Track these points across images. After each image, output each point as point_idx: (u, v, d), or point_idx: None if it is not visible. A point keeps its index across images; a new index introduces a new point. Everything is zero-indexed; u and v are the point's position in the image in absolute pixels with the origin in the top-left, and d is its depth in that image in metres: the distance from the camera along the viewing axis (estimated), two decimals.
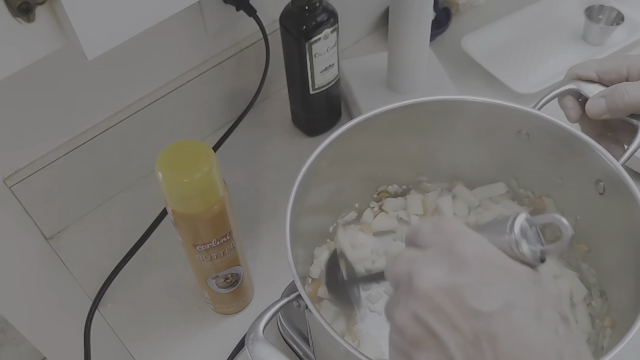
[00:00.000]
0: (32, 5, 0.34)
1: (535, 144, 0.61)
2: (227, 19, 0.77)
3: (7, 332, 1.26)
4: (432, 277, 0.35)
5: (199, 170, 0.51)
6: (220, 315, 0.69)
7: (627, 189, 0.52)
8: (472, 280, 0.34)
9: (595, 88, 0.57)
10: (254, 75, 0.84)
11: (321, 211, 0.64)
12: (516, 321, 0.33)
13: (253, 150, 0.85)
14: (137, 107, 0.75)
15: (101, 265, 0.73)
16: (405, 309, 0.36)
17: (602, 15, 0.92)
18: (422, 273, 0.35)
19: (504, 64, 0.91)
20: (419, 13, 0.76)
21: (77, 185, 0.75)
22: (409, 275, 0.36)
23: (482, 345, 0.33)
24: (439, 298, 0.34)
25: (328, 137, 0.58)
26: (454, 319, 0.34)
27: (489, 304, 0.33)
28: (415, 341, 0.35)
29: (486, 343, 0.33)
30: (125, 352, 0.68)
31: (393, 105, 0.60)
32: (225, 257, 0.60)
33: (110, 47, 0.40)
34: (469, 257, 0.35)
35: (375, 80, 0.87)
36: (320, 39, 0.73)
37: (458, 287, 0.34)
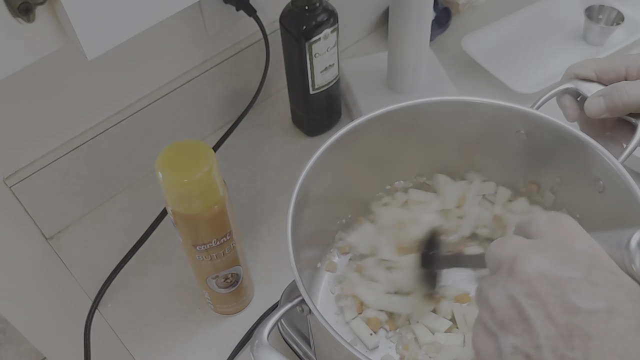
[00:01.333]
0: (32, 5, 0.34)
1: (534, 144, 0.61)
2: (227, 19, 0.78)
3: (7, 332, 1.26)
4: (536, 264, 0.35)
5: (199, 170, 0.51)
6: (220, 315, 0.69)
7: (627, 188, 0.52)
8: (578, 276, 0.34)
9: (594, 87, 0.57)
10: (254, 75, 0.84)
11: (322, 211, 0.64)
12: (615, 327, 0.32)
13: (253, 150, 0.85)
14: (137, 107, 0.75)
15: (101, 265, 0.74)
16: (502, 289, 0.35)
17: (602, 15, 0.92)
18: (528, 258, 0.35)
19: (504, 64, 0.91)
20: (419, 13, 0.76)
21: (77, 185, 0.75)
22: (513, 259, 0.36)
23: (574, 341, 0.32)
24: (540, 285, 0.34)
25: (329, 137, 0.58)
26: (551, 309, 0.33)
27: (591, 304, 0.33)
28: (505, 323, 0.35)
29: (579, 340, 0.32)
30: (125, 352, 0.68)
31: (394, 106, 0.60)
32: (225, 257, 0.60)
33: (110, 47, 0.40)
34: (580, 253, 0.34)
35: (375, 80, 0.87)
36: (320, 39, 0.73)
37: (562, 279, 0.34)
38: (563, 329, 0.33)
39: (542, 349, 0.33)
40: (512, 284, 0.35)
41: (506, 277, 0.36)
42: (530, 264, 0.35)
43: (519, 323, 0.34)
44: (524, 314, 0.34)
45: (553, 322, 0.33)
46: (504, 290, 0.35)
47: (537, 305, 0.34)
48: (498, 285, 0.36)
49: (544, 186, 0.64)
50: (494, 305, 0.35)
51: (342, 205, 0.67)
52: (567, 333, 0.32)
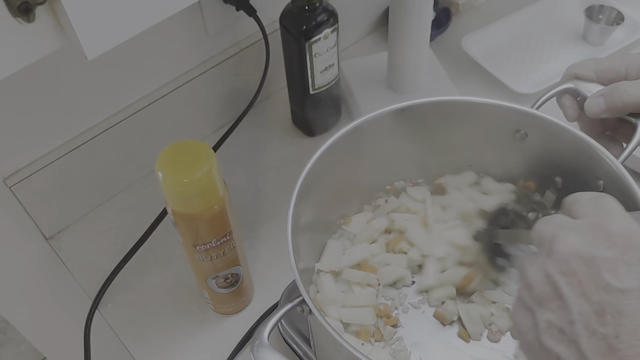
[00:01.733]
0: (32, 5, 0.34)
1: (534, 143, 0.61)
2: (227, 19, 0.78)
3: (7, 332, 1.26)
4: (572, 243, 0.36)
5: (199, 170, 0.51)
6: (220, 315, 0.69)
7: (627, 187, 0.52)
8: (612, 255, 0.35)
9: (594, 87, 0.57)
10: (254, 75, 0.84)
11: (322, 212, 0.64)
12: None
13: (253, 150, 0.85)
14: (137, 107, 0.75)
15: (101, 265, 0.74)
16: (540, 267, 0.37)
17: (602, 15, 0.92)
18: (565, 238, 0.37)
19: (504, 64, 0.91)
20: (419, 13, 0.76)
21: (77, 185, 0.75)
22: (552, 238, 0.38)
23: (605, 317, 0.34)
24: (575, 264, 0.36)
25: (329, 137, 0.58)
26: (585, 286, 0.35)
27: (623, 282, 0.34)
28: (541, 299, 0.37)
29: (610, 317, 0.34)
30: (125, 352, 0.68)
31: (394, 106, 0.60)
32: (225, 257, 0.60)
33: (110, 47, 0.40)
34: (616, 234, 0.36)
35: (375, 80, 0.87)
36: (320, 39, 0.73)
37: (596, 259, 0.35)
38: (596, 306, 0.34)
39: (575, 324, 0.34)
40: (549, 263, 0.37)
41: (544, 256, 0.38)
42: (567, 243, 0.36)
43: (554, 300, 0.36)
44: (559, 291, 0.36)
45: (586, 299, 0.34)
46: (542, 268, 0.37)
47: (572, 283, 0.35)
48: (536, 263, 0.38)
49: (543, 186, 0.64)
50: (531, 282, 0.37)
51: (342, 205, 0.67)
52: (599, 310, 0.34)
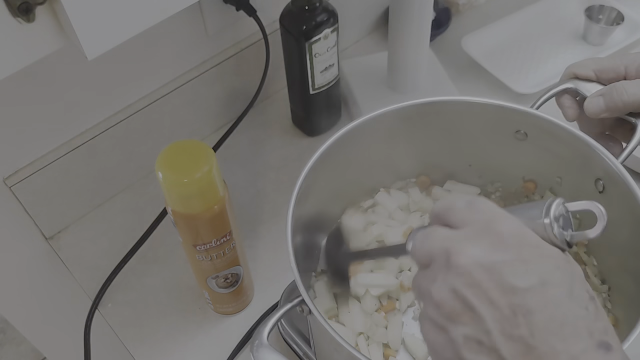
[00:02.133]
0: (32, 5, 0.34)
1: (534, 143, 0.61)
2: (227, 19, 0.78)
3: (7, 332, 1.26)
4: (471, 254, 0.36)
5: (199, 170, 0.51)
6: (220, 315, 0.69)
7: (627, 187, 0.52)
8: (510, 257, 0.35)
9: (593, 87, 0.57)
10: (254, 75, 0.84)
11: (322, 212, 0.64)
12: (551, 297, 0.34)
13: (253, 150, 0.85)
14: (137, 107, 0.75)
15: (101, 265, 0.74)
16: (443, 284, 0.36)
17: (602, 15, 0.92)
18: (462, 250, 0.36)
19: (504, 64, 0.91)
20: (419, 13, 0.76)
21: (77, 185, 0.75)
22: (446, 253, 0.37)
23: (518, 319, 0.34)
24: (478, 274, 0.35)
25: (329, 137, 0.58)
26: (492, 294, 0.35)
27: (526, 281, 0.34)
28: (452, 315, 0.36)
29: (522, 317, 0.34)
30: (125, 352, 0.68)
31: (394, 106, 0.60)
32: (225, 257, 0.60)
33: (110, 47, 0.40)
34: (507, 235, 0.36)
35: (375, 80, 0.87)
36: (320, 39, 0.73)
37: (497, 264, 0.35)
38: (506, 310, 0.34)
39: (491, 333, 0.34)
40: (452, 278, 0.36)
41: (444, 271, 0.37)
42: (466, 255, 0.36)
43: (466, 313, 0.35)
44: (469, 304, 0.35)
45: (496, 306, 0.35)
46: (445, 284, 0.36)
47: (479, 294, 0.35)
48: (438, 280, 0.37)
49: (542, 186, 0.64)
50: (438, 300, 0.37)
51: (342, 205, 0.67)
52: (511, 313, 0.34)
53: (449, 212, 0.39)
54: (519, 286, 0.34)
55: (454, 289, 0.36)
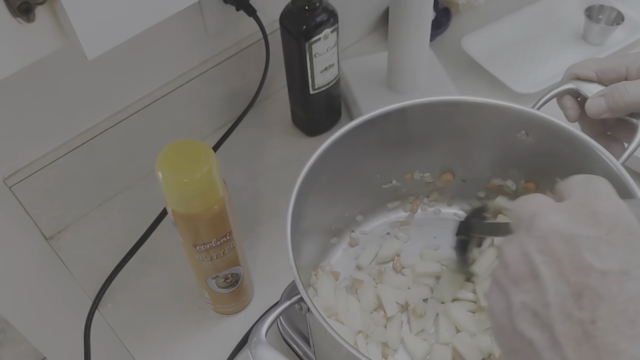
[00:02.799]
0: (32, 5, 0.34)
1: (535, 144, 0.61)
2: (227, 19, 0.78)
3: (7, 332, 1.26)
4: (553, 221, 0.34)
5: (199, 170, 0.51)
6: (220, 315, 0.69)
7: (628, 188, 0.52)
8: (595, 234, 0.33)
9: (594, 87, 0.57)
10: (254, 75, 0.84)
11: (322, 211, 0.64)
12: (627, 289, 0.31)
13: (253, 150, 0.85)
14: (137, 107, 0.75)
15: (101, 265, 0.74)
16: (517, 245, 0.35)
17: (602, 15, 0.92)
18: (546, 214, 0.35)
19: (504, 64, 0.91)
20: (419, 13, 0.76)
21: (77, 185, 0.75)
22: (532, 215, 0.35)
23: (583, 301, 0.32)
24: (555, 242, 0.33)
25: (329, 137, 0.58)
26: (564, 267, 0.33)
27: (605, 263, 0.32)
28: (517, 279, 0.34)
29: (588, 300, 0.32)
30: (125, 352, 0.68)
31: (394, 106, 0.60)
32: (225, 257, 0.60)
33: (110, 47, 0.40)
34: (601, 212, 0.34)
35: (375, 80, 0.87)
36: (320, 39, 0.73)
37: (578, 238, 0.33)
38: (574, 288, 0.32)
39: (550, 307, 0.32)
40: (527, 240, 0.35)
41: (523, 233, 0.35)
42: (547, 220, 0.34)
43: (530, 280, 0.34)
44: (536, 270, 0.33)
45: (564, 280, 0.32)
46: (519, 246, 0.35)
47: (550, 262, 0.33)
48: (514, 241, 0.36)
49: (543, 186, 0.64)
50: (507, 261, 0.35)
51: (341, 204, 0.67)
52: (577, 292, 0.32)
53: (564, 185, 0.38)
54: (595, 266, 0.32)
55: (526, 252, 0.34)
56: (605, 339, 0.31)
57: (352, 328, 0.61)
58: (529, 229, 0.35)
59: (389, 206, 0.71)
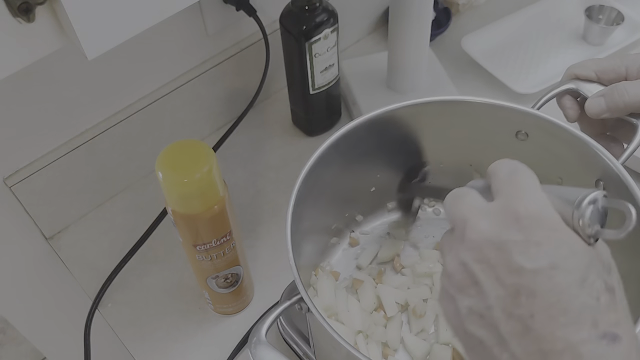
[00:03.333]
0: (32, 5, 0.34)
1: (535, 144, 0.61)
2: (227, 19, 0.78)
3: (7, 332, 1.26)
4: (483, 230, 0.37)
5: (199, 170, 0.51)
6: (220, 315, 0.69)
7: (627, 188, 0.52)
8: (521, 238, 0.36)
9: (594, 87, 0.57)
10: (254, 75, 0.84)
11: (322, 211, 0.64)
12: (557, 282, 0.34)
13: (253, 150, 0.85)
14: (137, 107, 0.75)
15: (101, 265, 0.74)
16: (456, 256, 0.38)
17: (602, 15, 0.92)
18: (476, 224, 0.38)
19: (504, 64, 0.91)
20: (419, 13, 0.76)
21: (77, 185, 0.75)
22: (464, 223, 0.38)
23: (520, 299, 0.35)
24: (487, 251, 0.36)
25: (329, 137, 0.58)
26: (498, 272, 0.36)
27: (534, 262, 0.35)
28: (460, 286, 0.37)
29: (524, 298, 0.34)
30: (125, 352, 0.68)
31: (394, 106, 0.60)
32: (225, 257, 0.60)
33: (110, 47, 0.40)
34: (523, 216, 0.36)
35: (375, 80, 0.87)
36: (320, 39, 0.73)
37: (507, 243, 0.36)
38: (510, 289, 0.35)
39: (492, 309, 0.36)
40: (463, 251, 0.38)
41: (458, 243, 0.38)
42: (478, 230, 0.37)
43: (472, 286, 0.37)
44: (475, 278, 0.37)
45: (501, 284, 0.35)
46: (457, 256, 0.38)
47: (486, 270, 0.36)
48: (453, 251, 0.39)
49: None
50: (450, 271, 0.38)
51: (341, 204, 0.67)
52: (514, 292, 0.35)
53: (493, 177, 0.40)
54: (525, 267, 0.35)
55: (464, 262, 0.37)
56: (544, 330, 0.34)
57: (352, 328, 0.61)
58: (462, 239, 0.38)
59: (389, 206, 0.71)
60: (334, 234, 0.69)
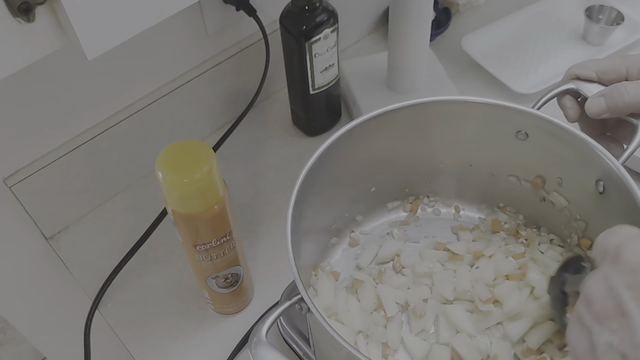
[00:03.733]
0: (32, 5, 0.34)
1: (535, 144, 0.61)
2: (227, 19, 0.78)
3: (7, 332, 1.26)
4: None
5: (199, 170, 0.51)
6: (220, 315, 0.69)
7: (627, 188, 0.52)
8: None
9: (595, 88, 0.57)
10: (254, 75, 0.84)
11: (322, 211, 0.64)
12: None
13: (253, 150, 0.85)
14: (137, 107, 0.75)
15: (101, 265, 0.74)
16: (602, 279, 0.32)
17: (602, 15, 0.92)
18: (633, 245, 0.32)
19: (504, 64, 0.91)
20: (419, 13, 0.76)
21: (77, 185, 0.75)
22: (618, 246, 0.33)
23: None
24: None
25: (329, 137, 0.58)
26: None
27: None
28: (601, 316, 0.32)
29: None
30: (125, 352, 0.68)
31: (394, 106, 0.60)
32: (225, 257, 0.60)
33: (110, 47, 0.40)
34: None
35: (375, 80, 0.87)
36: (320, 39, 0.73)
37: None
38: None
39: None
40: (613, 274, 0.32)
41: (608, 266, 0.33)
42: (636, 251, 0.32)
43: (617, 317, 0.31)
44: (623, 307, 0.31)
45: None
46: (604, 280, 0.32)
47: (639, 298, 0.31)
48: (598, 275, 0.33)
49: (545, 187, 0.64)
50: (591, 297, 0.32)
51: (341, 204, 0.67)
52: None
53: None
54: None
55: (612, 287, 0.31)
56: None
57: (352, 328, 0.61)
58: (614, 262, 0.32)
59: (389, 206, 0.71)
60: (334, 234, 0.69)
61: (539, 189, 0.64)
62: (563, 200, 0.63)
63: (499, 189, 0.68)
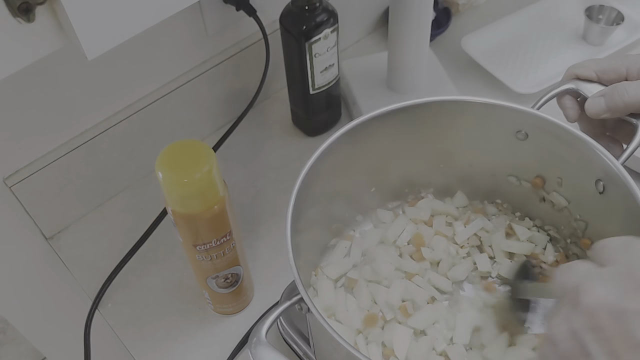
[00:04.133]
0: (32, 5, 0.34)
1: (535, 144, 0.61)
2: (227, 19, 0.78)
3: (7, 332, 1.26)
4: (600, 295, 0.32)
5: (199, 170, 0.51)
6: (220, 315, 0.69)
7: (627, 188, 0.52)
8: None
9: (594, 87, 0.57)
10: (254, 75, 0.84)
11: (322, 211, 0.64)
12: None
13: (253, 150, 0.85)
14: (137, 107, 0.75)
15: (101, 265, 0.74)
16: (564, 321, 0.33)
17: (602, 15, 0.92)
18: (592, 289, 0.33)
19: (504, 64, 0.91)
20: (419, 13, 0.76)
21: (77, 185, 0.75)
22: (576, 288, 0.34)
23: None
24: (603, 319, 0.32)
25: (329, 137, 0.58)
26: (615, 344, 0.31)
27: None
28: (566, 357, 0.33)
29: None
30: (125, 352, 0.68)
31: (394, 106, 0.60)
32: (225, 257, 0.60)
33: (110, 47, 0.40)
34: None
35: (375, 80, 0.87)
36: (320, 39, 0.73)
37: (627, 313, 0.31)
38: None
39: None
40: (574, 316, 0.33)
41: (569, 308, 0.34)
42: (594, 295, 0.33)
43: (580, 358, 0.32)
44: (586, 349, 0.32)
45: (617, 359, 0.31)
46: (566, 322, 0.33)
47: (600, 340, 0.32)
48: (560, 316, 0.34)
49: (545, 187, 0.64)
50: (555, 338, 0.34)
51: (341, 205, 0.67)
52: None
53: (602, 250, 0.36)
54: None
55: (574, 329, 0.32)
56: None
57: (351, 327, 0.61)
58: (575, 306, 0.33)
59: (389, 206, 0.71)
60: (334, 234, 0.69)
61: (539, 189, 0.64)
62: (563, 200, 0.63)
63: (499, 189, 0.68)
